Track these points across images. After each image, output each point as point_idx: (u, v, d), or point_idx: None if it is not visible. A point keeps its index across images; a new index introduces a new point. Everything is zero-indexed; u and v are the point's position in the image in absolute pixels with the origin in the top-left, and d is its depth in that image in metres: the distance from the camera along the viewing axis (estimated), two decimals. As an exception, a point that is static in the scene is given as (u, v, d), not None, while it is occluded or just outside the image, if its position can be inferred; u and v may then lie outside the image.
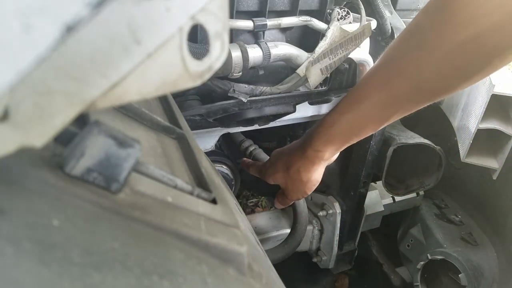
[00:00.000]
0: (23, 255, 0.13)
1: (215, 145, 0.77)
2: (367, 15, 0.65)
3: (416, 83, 0.49)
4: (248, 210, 1.20)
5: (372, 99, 0.54)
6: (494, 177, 0.85)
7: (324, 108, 0.82)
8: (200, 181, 0.29)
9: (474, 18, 0.42)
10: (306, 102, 0.70)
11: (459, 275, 0.91)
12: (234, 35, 0.58)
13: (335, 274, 1.12)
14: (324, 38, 0.59)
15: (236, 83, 0.57)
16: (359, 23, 0.63)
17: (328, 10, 0.62)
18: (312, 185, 0.67)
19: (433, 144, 0.87)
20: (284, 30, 0.61)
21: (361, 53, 0.66)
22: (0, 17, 0.13)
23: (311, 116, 0.83)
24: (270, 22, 0.57)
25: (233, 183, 0.90)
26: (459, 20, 0.43)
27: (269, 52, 0.56)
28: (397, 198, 1.06)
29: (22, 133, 0.15)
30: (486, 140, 0.86)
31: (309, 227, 0.96)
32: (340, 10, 0.64)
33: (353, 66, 0.65)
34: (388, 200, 1.06)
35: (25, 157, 0.17)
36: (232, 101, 0.57)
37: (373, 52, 0.71)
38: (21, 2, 0.14)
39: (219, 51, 0.20)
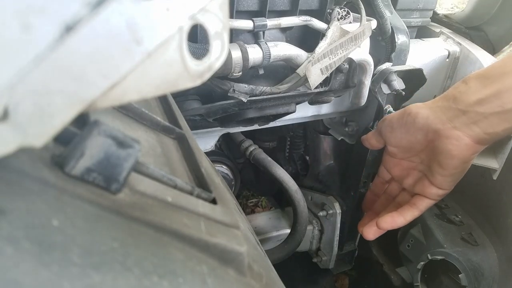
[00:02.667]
0: (22, 255, 0.13)
1: (215, 145, 0.77)
2: (367, 15, 0.65)
3: None
4: (248, 210, 1.20)
5: None
6: (495, 177, 0.85)
7: (324, 108, 0.82)
8: (200, 181, 0.29)
9: None
10: (306, 102, 0.70)
11: (459, 275, 0.91)
12: (234, 35, 0.58)
13: (335, 274, 1.12)
14: (324, 38, 0.59)
15: (236, 83, 0.57)
16: (359, 23, 0.63)
17: (328, 10, 0.62)
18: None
19: (433, 144, 0.86)
20: (284, 30, 0.61)
21: (361, 53, 0.66)
22: (0, 16, 0.13)
23: (311, 116, 0.83)
24: (270, 22, 0.56)
25: (233, 183, 0.90)
26: None
27: (269, 52, 0.56)
28: (397, 198, 1.06)
29: (21, 133, 0.15)
30: (486, 140, 0.85)
31: (309, 227, 0.96)
32: (340, 10, 0.64)
33: (353, 66, 0.64)
34: (388, 200, 1.06)
35: (25, 157, 0.17)
36: (232, 101, 0.57)
37: (373, 52, 0.71)
38: (21, 1, 0.14)
39: (219, 51, 0.20)
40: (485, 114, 0.47)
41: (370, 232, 0.60)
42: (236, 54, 0.53)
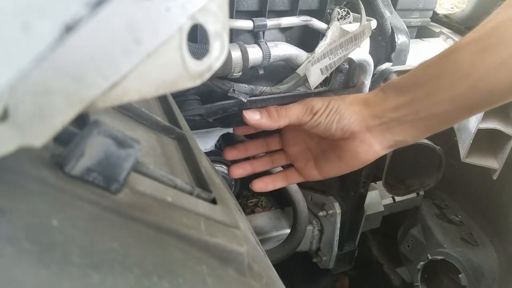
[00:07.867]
0: (22, 255, 0.13)
1: (215, 145, 0.77)
2: (367, 15, 0.65)
3: None
4: (248, 210, 1.20)
5: (469, 47, 0.45)
6: (495, 177, 0.85)
7: (324, 108, 0.82)
8: (200, 181, 0.29)
9: None
10: (306, 102, 0.70)
11: (459, 275, 0.91)
12: (234, 35, 0.58)
13: (335, 274, 1.12)
14: (324, 38, 0.59)
15: (236, 83, 0.57)
16: (359, 23, 0.63)
17: (328, 10, 0.62)
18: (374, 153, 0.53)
19: (433, 144, 0.86)
20: (284, 30, 0.61)
21: (361, 53, 0.66)
22: (0, 16, 0.13)
23: (311, 116, 0.83)
24: (270, 22, 0.56)
25: (233, 183, 0.90)
26: None
27: (269, 52, 0.56)
28: (397, 198, 1.06)
29: (21, 133, 0.15)
30: (486, 140, 0.86)
31: (309, 227, 0.96)
32: (340, 10, 0.64)
33: (353, 66, 0.64)
34: (388, 200, 1.06)
35: (24, 157, 0.17)
36: (232, 101, 0.57)
37: (373, 52, 0.71)
38: (21, 1, 0.14)
39: (219, 51, 0.20)
40: (399, 121, 0.50)
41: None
42: (236, 54, 0.53)
